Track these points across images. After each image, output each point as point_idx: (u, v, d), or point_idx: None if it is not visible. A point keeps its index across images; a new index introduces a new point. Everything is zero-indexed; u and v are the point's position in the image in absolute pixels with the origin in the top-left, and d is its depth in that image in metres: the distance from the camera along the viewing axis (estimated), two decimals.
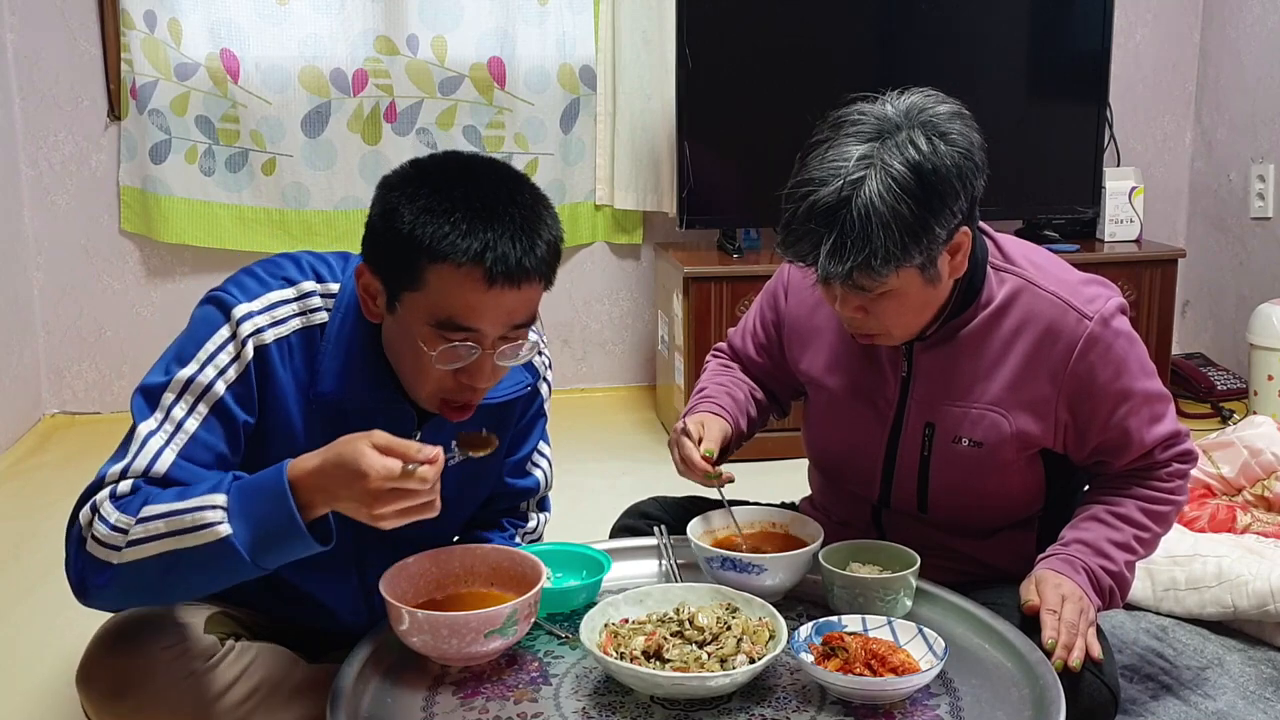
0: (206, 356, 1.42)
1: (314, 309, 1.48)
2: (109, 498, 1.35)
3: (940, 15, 3.45)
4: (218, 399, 1.41)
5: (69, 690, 1.46)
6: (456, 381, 1.41)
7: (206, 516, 1.28)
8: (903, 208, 1.45)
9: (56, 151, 3.51)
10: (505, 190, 1.37)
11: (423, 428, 1.52)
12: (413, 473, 1.27)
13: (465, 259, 1.32)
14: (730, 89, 3.37)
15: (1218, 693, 1.97)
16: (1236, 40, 3.80)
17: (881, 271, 1.48)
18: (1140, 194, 3.64)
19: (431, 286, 1.34)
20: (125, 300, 3.62)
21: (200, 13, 3.40)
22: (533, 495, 1.79)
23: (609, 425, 3.65)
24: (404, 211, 1.34)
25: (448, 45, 3.54)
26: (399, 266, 1.36)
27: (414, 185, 1.36)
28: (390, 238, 1.35)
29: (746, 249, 3.43)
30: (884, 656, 1.37)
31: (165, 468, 1.37)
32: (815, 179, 1.48)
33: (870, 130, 1.49)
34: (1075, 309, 1.61)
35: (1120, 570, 1.65)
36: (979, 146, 1.53)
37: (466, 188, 1.35)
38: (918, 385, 1.68)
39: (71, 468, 3.12)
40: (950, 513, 1.72)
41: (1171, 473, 1.68)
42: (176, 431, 1.40)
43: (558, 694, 1.39)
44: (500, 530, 1.75)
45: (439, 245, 1.32)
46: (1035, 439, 1.65)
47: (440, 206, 1.33)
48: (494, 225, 1.33)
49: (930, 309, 1.60)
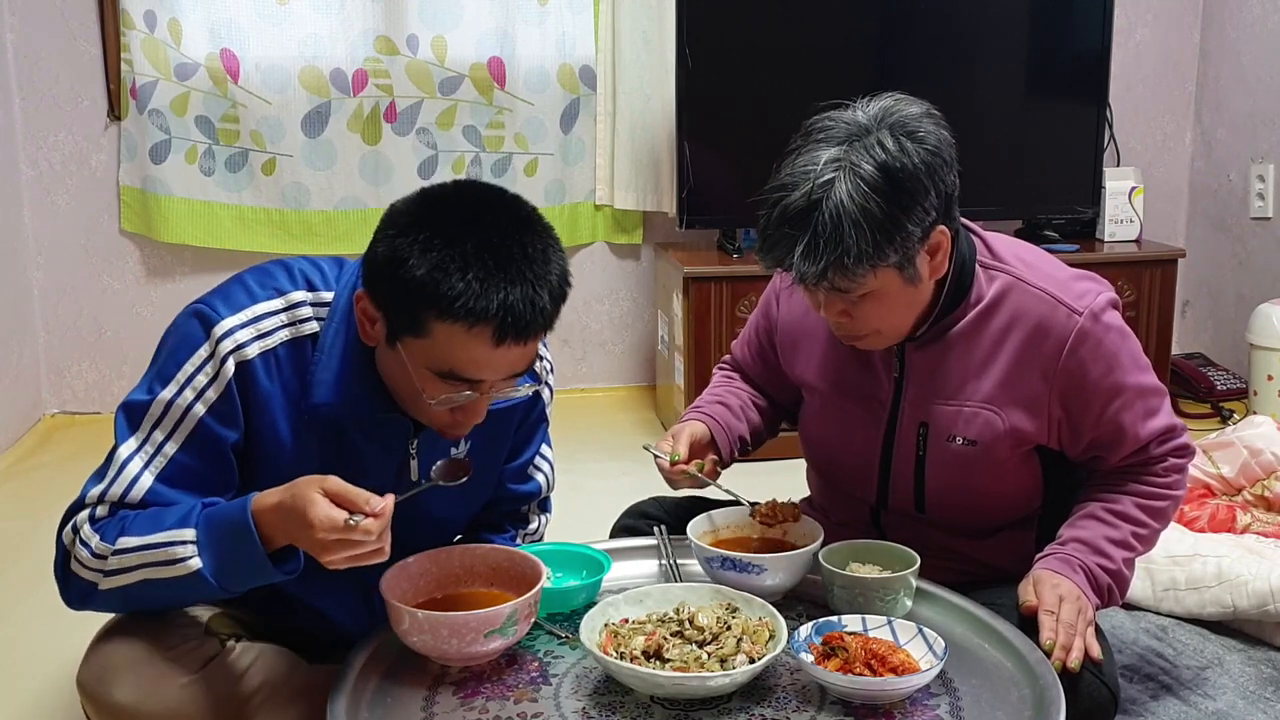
0: (185, 379, 1.42)
1: (303, 319, 1.46)
2: (88, 520, 1.40)
3: (940, 15, 3.45)
4: (197, 421, 1.42)
5: (69, 690, 1.46)
6: (451, 417, 1.43)
7: (177, 552, 1.33)
8: (872, 206, 1.46)
9: (56, 151, 3.51)
10: (516, 239, 1.34)
11: (419, 436, 1.52)
12: (355, 525, 1.28)
13: (475, 321, 1.31)
14: (730, 89, 3.37)
15: (1218, 692, 1.97)
16: (1236, 40, 3.80)
17: (856, 271, 1.48)
18: (1140, 194, 3.64)
19: (437, 339, 1.33)
20: (125, 300, 3.62)
21: (200, 13, 3.40)
22: (534, 499, 1.79)
23: (609, 425, 3.65)
24: (413, 262, 1.31)
25: (448, 45, 3.53)
26: (403, 312, 1.34)
27: (423, 231, 1.33)
28: (397, 285, 1.33)
29: (746, 249, 3.43)
30: (884, 656, 1.37)
31: (141, 494, 1.40)
32: (786, 184, 1.50)
33: (840, 135, 1.51)
34: (1065, 304, 1.61)
35: (1118, 568, 1.65)
36: (949, 144, 1.54)
37: (478, 238, 1.32)
38: (910, 385, 1.68)
39: (71, 468, 3.12)
40: (948, 512, 1.72)
41: (1168, 467, 1.67)
42: (156, 455, 1.42)
43: (558, 694, 1.39)
44: (501, 532, 1.75)
45: (450, 305, 1.30)
46: (1029, 436, 1.65)
47: (453, 263, 1.30)
48: (505, 285, 1.31)
49: (914, 309, 1.61)
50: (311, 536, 1.28)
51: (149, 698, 1.41)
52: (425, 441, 1.54)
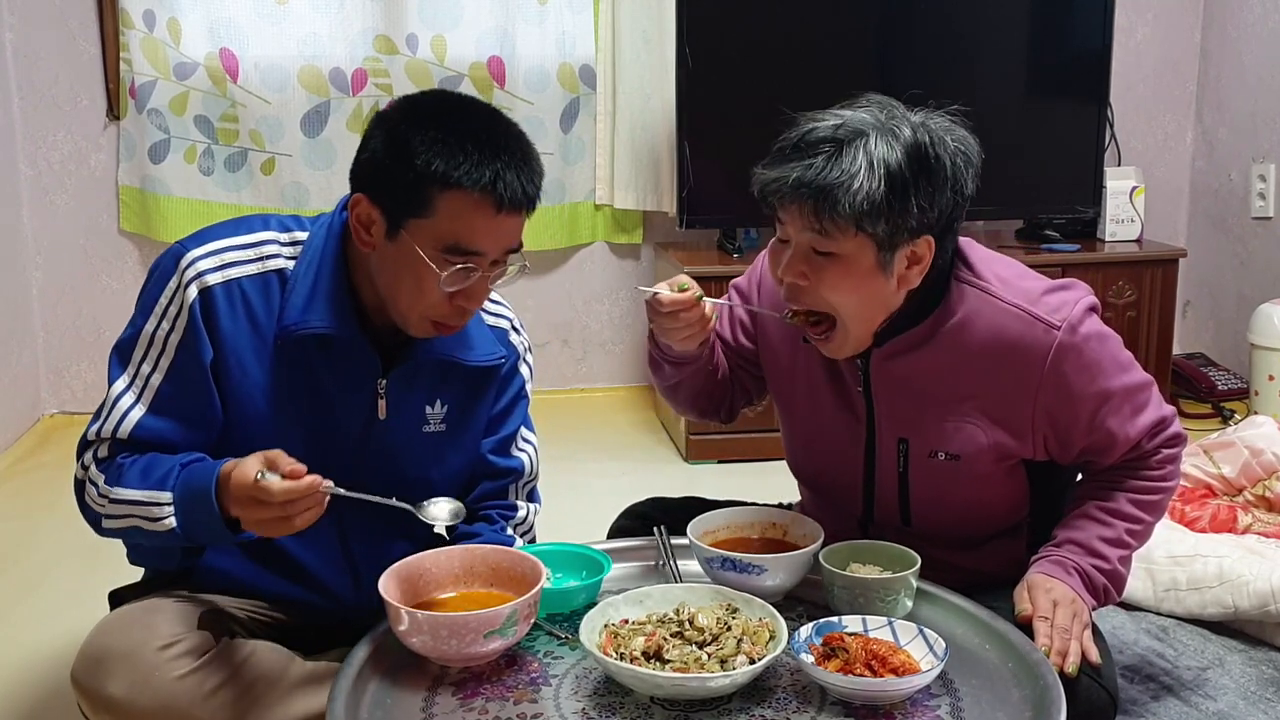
0: (161, 310, 1.52)
1: (270, 255, 1.55)
2: (94, 460, 1.53)
3: (940, 15, 3.45)
4: (175, 348, 1.52)
5: (68, 689, 1.46)
6: (452, 305, 1.50)
7: (155, 512, 1.45)
8: (895, 166, 1.46)
9: (55, 151, 3.51)
10: (500, 126, 1.49)
11: (389, 375, 1.58)
12: (260, 481, 1.34)
13: (478, 188, 1.43)
14: (730, 89, 3.36)
15: (1218, 693, 1.97)
16: (1237, 39, 3.80)
17: (843, 214, 1.46)
18: (1141, 194, 3.63)
19: (442, 214, 1.44)
20: (124, 300, 3.60)
21: (199, 12, 3.40)
22: (519, 478, 1.79)
23: (609, 425, 3.64)
24: (415, 143, 1.43)
25: (447, 44, 3.53)
26: (408, 194, 1.45)
27: (418, 119, 1.46)
28: (400, 168, 1.44)
29: (746, 249, 3.44)
30: (884, 657, 1.37)
31: (131, 428, 1.51)
32: (818, 118, 1.51)
33: (880, 111, 1.52)
34: (1041, 320, 1.58)
35: (1114, 567, 1.64)
36: (974, 167, 1.54)
37: (469, 123, 1.47)
38: (881, 400, 1.66)
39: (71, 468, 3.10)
40: (934, 525, 1.71)
41: (1161, 459, 1.66)
42: (144, 388, 1.53)
43: (557, 694, 1.38)
44: (489, 522, 1.75)
45: (454, 174, 1.42)
46: (1013, 450, 1.63)
47: (451, 139, 1.43)
48: (500, 157, 1.44)
49: (873, 306, 1.56)
50: (232, 492, 1.37)
51: (142, 691, 1.41)
52: (394, 382, 1.59)
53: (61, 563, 2.57)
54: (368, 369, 1.57)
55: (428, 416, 1.65)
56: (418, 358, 1.60)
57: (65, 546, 2.61)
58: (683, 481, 3.11)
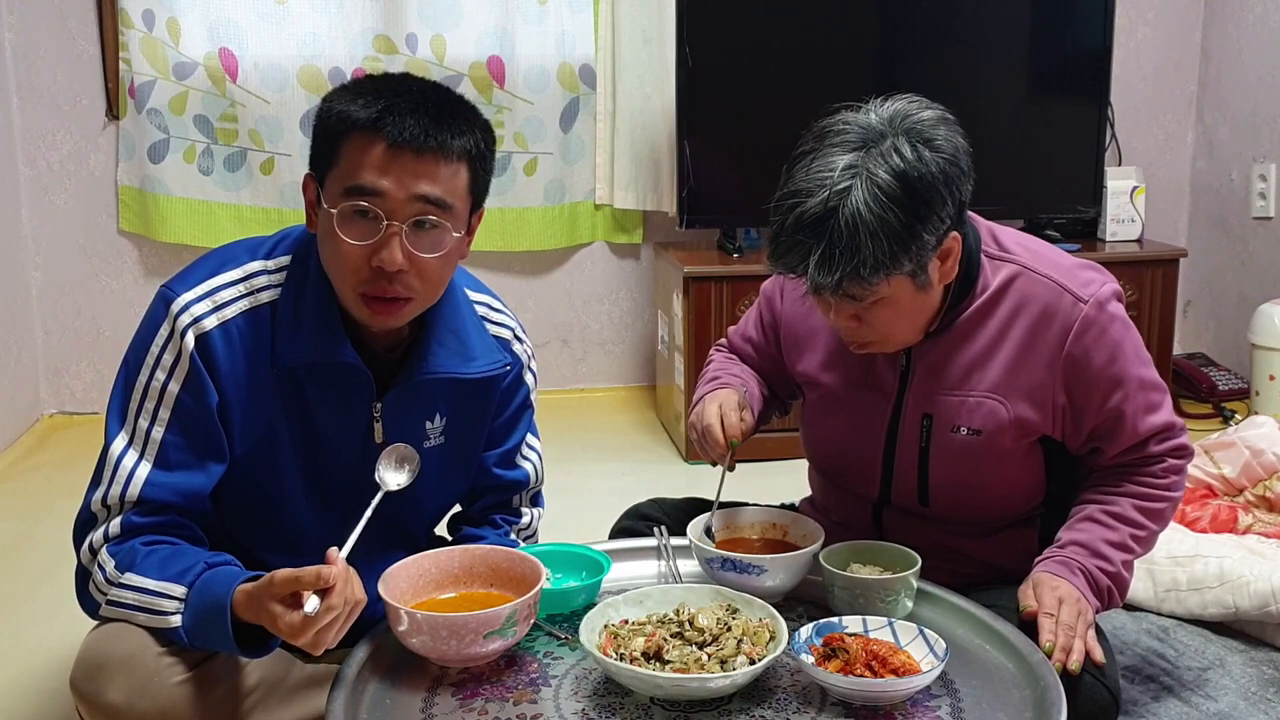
0: (154, 360, 1.48)
1: (260, 289, 1.51)
2: (104, 540, 1.46)
3: (941, 15, 3.45)
4: (174, 399, 1.47)
5: (68, 690, 1.45)
6: (370, 268, 1.43)
7: (163, 605, 1.40)
8: (890, 216, 1.45)
9: (54, 151, 3.50)
10: (425, 83, 1.48)
11: (383, 398, 1.55)
12: (314, 614, 1.28)
13: (366, 123, 1.41)
14: (730, 89, 3.36)
15: (1219, 694, 1.97)
16: (1238, 39, 3.80)
17: (871, 280, 1.48)
18: (1141, 193, 3.63)
19: (343, 158, 1.43)
20: (123, 300, 3.61)
21: (198, 12, 3.39)
22: (524, 489, 1.79)
23: (609, 425, 3.64)
24: (330, 104, 1.46)
25: (447, 44, 3.53)
26: (322, 150, 1.45)
27: (349, 88, 1.47)
28: (317, 130, 1.46)
29: (746, 248, 3.43)
30: (885, 658, 1.37)
31: (139, 487, 1.46)
32: (801, 190, 1.48)
33: (855, 139, 1.49)
34: (1070, 292, 1.61)
35: (1117, 570, 1.64)
36: (965, 151, 1.53)
37: (389, 80, 1.47)
38: (916, 378, 1.68)
39: (70, 468, 3.12)
40: (951, 506, 1.71)
41: (1166, 468, 1.67)
42: (146, 443, 1.47)
43: (557, 695, 1.38)
44: (494, 527, 1.75)
45: (348, 113, 1.42)
46: (1034, 425, 1.65)
47: (355, 89, 1.45)
48: (402, 98, 1.42)
49: (924, 314, 1.60)
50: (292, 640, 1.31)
51: (141, 697, 1.40)
52: (390, 404, 1.56)
53: (60, 563, 2.56)
54: (361, 392, 1.54)
55: (427, 431, 1.61)
56: (415, 377, 1.56)
57: (64, 547, 2.58)
58: (683, 481, 3.11)
